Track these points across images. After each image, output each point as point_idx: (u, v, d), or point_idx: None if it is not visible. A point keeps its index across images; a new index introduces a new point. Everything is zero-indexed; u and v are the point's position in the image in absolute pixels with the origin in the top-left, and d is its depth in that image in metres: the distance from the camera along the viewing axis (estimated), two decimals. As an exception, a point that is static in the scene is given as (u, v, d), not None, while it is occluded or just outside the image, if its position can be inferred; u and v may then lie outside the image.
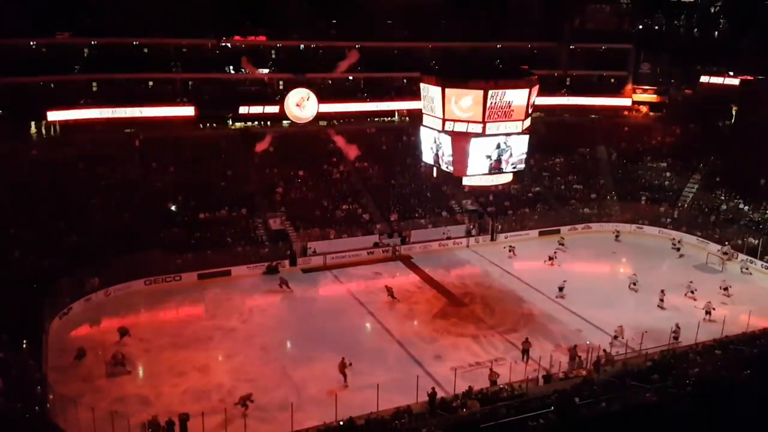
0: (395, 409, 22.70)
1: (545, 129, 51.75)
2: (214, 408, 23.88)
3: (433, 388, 23.99)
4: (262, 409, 24.32)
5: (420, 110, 32.35)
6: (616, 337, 29.70)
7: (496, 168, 30.38)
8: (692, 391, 21.28)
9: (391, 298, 34.08)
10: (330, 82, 46.72)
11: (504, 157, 30.12)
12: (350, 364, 26.26)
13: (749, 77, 50.46)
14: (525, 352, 27.89)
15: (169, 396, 25.21)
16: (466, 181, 31.38)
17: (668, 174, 49.70)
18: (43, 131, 43.25)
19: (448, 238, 43.19)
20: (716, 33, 57.12)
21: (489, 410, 21.74)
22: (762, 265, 39.04)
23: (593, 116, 55.73)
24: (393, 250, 41.39)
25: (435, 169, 32.08)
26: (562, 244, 42.64)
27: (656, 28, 58.61)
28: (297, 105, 45.35)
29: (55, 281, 31.13)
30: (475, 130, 28.88)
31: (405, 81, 52.28)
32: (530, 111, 30.30)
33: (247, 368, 27.57)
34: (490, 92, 28.00)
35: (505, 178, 32.37)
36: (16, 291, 28.35)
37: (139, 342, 29.21)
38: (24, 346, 25.55)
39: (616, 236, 44.60)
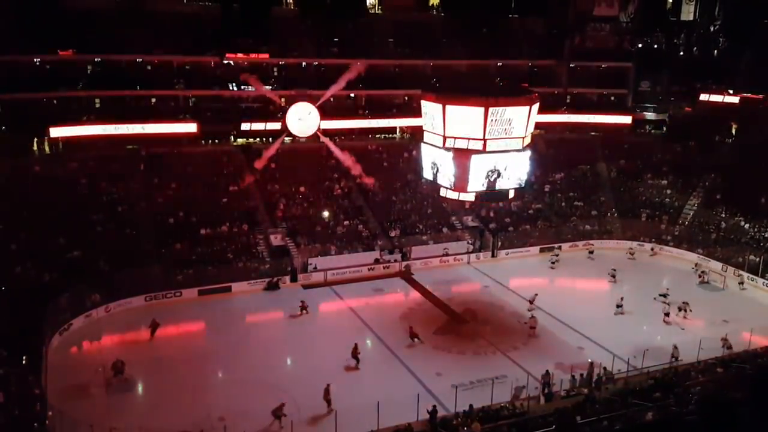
0: (395, 427, 22.58)
1: (546, 146, 51.99)
2: (213, 426, 23.76)
3: (434, 406, 23.87)
4: (261, 428, 24.20)
5: (421, 127, 32.54)
6: (531, 302, 33.51)
7: (495, 185, 30.49)
8: (694, 410, 21.15)
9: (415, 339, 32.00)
10: (332, 99, 47.07)
11: (505, 174, 30.28)
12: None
13: (749, 95, 50.68)
14: (546, 385, 26.46)
15: (168, 413, 25.06)
16: (466, 198, 31.45)
17: (669, 191, 49.79)
18: (46, 147, 43.41)
19: (447, 254, 43.20)
20: (716, 51, 57.44)
21: (491, 429, 21.64)
22: (763, 282, 39.00)
23: (593, 133, 55.95)
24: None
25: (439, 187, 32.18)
26: (633, 254, 43.65)
27: (656, 46, 58.91)
28: (299, 119, 45.52)
29: (55, 297, 31.12)
30: (476, 147, 29.03)
31: (406, 98, 52.58)
32: (530, 128, 30.46)
33: (246, 384, 27.46)
34: (491, 110, 28.18)
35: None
36: (17, 306, 28.35)
37: (138, 359, 29.07)
38: (24, 361, 25.50)
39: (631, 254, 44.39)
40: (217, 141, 48.56)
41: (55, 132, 42.33)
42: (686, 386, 24.04)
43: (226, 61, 47.35)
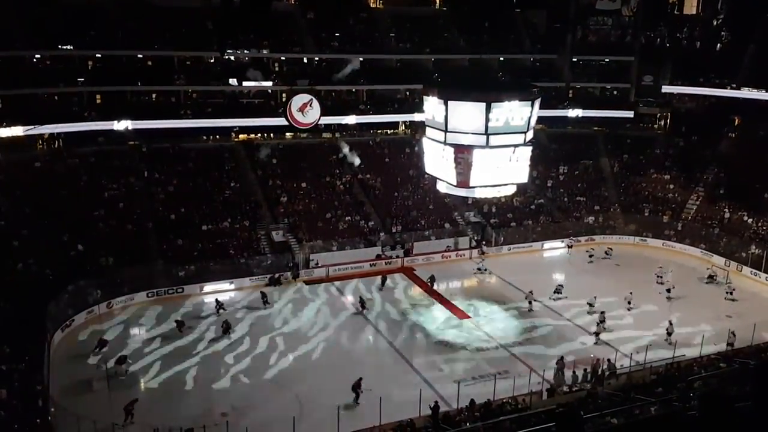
0: (398, 423, 22.55)
1: (548, 141, 51.81)
2: (216, 421, 23.77)
3: (436, 402, 23.84)
4: (263, 424, 24.18)
5: (423, 122, 32.41)
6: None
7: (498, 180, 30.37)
8: (697, 405, 21.07)
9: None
10: (333, 94, 46.90)
11: (506, 169, 30.16)
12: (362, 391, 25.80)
13: (753, 89, 50.31)
14: (560, 371, 26.81)
15: (172, 410, 25.10)
16: (468, 193, 31.39)
17: (671, 186, 49.61)
18: (47, 143, 43.33)
19: (449, 250, 43.12)
20: (719, 45, 57.02)
21: (492, 424, 21.58)
22: (765, 278, 38.86)
23: (596, 128, 55.73)
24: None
25: (438, 181, 32.12)
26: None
27: (658, 40, 58.54)
28: (299, 110, 45.32)
29: (57, 293, 31.14)
30: (478, 142, 28.91)
31: (407, 93, 52.39)
32: (533, 123, 30.33)
33: (248, 381, 27.48)
34: (493, 104, 28.06)
35: (508, 190, 32.41)
36: (19, 302, 28.35)
37: (141, 355, 29.12)
38: (26, 358, 25.51)
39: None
40: (218, 136, 48.44)
41: (56, 128, 42.17)
42: (689, 381, 23.94)
43: (226, 57, 47.20)
